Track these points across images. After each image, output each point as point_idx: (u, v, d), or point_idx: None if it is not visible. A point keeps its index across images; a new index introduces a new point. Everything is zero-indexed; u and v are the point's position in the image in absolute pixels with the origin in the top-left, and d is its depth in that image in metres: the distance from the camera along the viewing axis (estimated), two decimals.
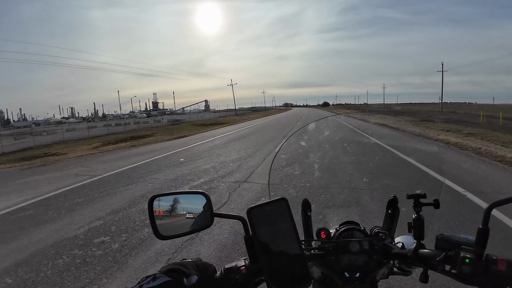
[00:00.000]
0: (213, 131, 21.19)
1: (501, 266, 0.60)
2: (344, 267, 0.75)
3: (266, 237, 0.64)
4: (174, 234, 0.71)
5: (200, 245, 3.37)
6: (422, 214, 0.75)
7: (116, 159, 10.39)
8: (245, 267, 0.69)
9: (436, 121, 23.21)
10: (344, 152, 1.20)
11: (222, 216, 0.72)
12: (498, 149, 8.71)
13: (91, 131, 24.92)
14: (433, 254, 0.68)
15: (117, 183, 6.58)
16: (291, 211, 0.66)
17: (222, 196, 5.22)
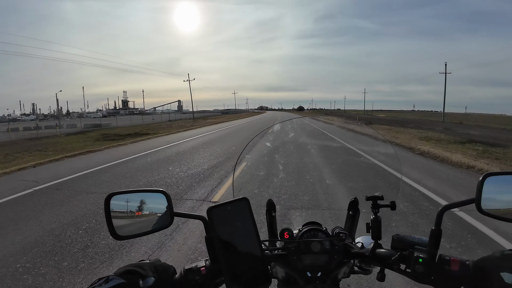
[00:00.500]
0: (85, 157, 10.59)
1: (454, 267, 0.64)
2: (306, 266, 0.77)
3: (226, 237, 0.64)
4: (131, 234, 0.69)
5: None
6: (379, 215, 0.79)
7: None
8: (205, 267, 0.69)
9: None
10: (308, 155, 1.24)
11: (183, 216, 0.71)
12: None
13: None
14: (389, 253, 0.72)
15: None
16: (252, 211, 0.67)
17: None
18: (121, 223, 0.69)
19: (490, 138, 16.65)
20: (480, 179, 0.66)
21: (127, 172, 7.55)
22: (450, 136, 17.49)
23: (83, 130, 27.37)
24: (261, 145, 1.16)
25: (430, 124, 36.53)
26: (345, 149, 1.42)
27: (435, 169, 7.57)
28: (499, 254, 0.61)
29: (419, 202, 4.20)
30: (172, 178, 6.61)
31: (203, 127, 27.17)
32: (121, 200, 0.70)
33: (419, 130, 22.64)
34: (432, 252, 0.66)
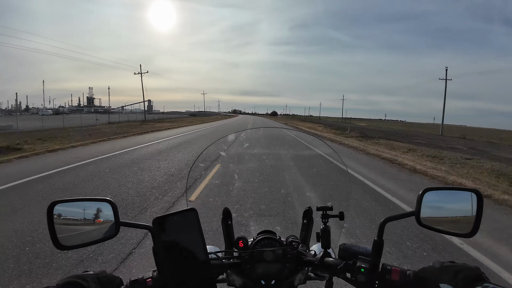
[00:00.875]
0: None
1: (394, 276, 0.68)
2: (259, 275, 0.78)
3: (173, 248, 0.64)
4: (75, 244, 0.67)
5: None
6: (329, 224, 0.83)
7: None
8: (151, 279, 0.68)
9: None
10: (265, 164, 1.26)
11: (129, 226, 0.70)
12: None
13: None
14: (336, 262, 0.75)
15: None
16: (200, 221, 0.67)
17: None
18: (65, 233, 0.67)
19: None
20: (420, 193, 0.70)
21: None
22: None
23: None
24: (216, 154, 1.14)
25: (433, 138, 27.78)
26: (303, 158, 1.46)
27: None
28: (439, 265, 0.64)
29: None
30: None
31: (145, 134, 19.01)
32: (65, 209, 0.68)
33: (439, 149, 15.47)
34: (374, 261, 0.70)
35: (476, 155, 13.63)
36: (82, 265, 2.85)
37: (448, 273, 0.61)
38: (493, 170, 9.30)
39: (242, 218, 1.12)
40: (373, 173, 7.89)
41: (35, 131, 19.31)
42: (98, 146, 12.21)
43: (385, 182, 6.81)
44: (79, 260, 2.92)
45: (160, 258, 0.65)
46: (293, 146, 1.31)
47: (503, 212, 5.16)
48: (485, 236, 3.86)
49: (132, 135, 17.95)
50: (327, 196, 1.06)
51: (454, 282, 0.59)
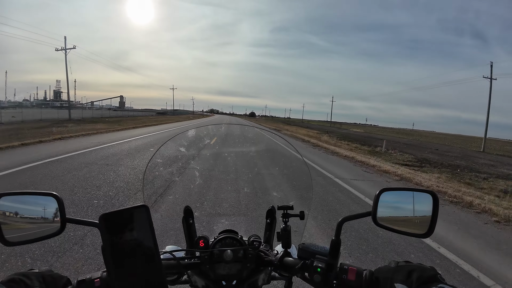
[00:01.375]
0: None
1: (351, 276, 0.69)
2: (219, 275, 0.77)
3: (121, 247, 0.61)
4: (22, 240, 0.64)
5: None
6: (289, 224, 0.83)
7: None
8: (99, 279, 0.65)
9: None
10: (227, 162, 1.24)
11: (76, 222, 0.66)
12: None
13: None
14: (294, 262, 0.76)
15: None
16: (152, 219, 0.64)
17: None
18: (12, 228, 0.63)
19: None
20: (377, 193, 0.72)
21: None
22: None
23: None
24: (174, 150, 1.11)
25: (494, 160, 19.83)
26: (266, 156, 1.45)
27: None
28: (394, 265, 0.66)
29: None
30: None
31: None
32: (11, 202, 0.64)
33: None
34: (330, 261, 0.71)
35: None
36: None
37: (403, 273, 0.62)
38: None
39: (204, 217, 1.10)
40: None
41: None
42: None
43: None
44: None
45: (108, 257, 0.62)
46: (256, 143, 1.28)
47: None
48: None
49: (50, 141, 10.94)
50: (290, 196, 1.06)
51: (409, 282, 0.60)
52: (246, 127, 1.26)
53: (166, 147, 1.06)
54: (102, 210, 4.69)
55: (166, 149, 1.07)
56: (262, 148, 1.33)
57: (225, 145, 1.26)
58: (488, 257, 3.55)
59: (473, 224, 4.95)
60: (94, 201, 4.46)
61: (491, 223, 5.07)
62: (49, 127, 18.21)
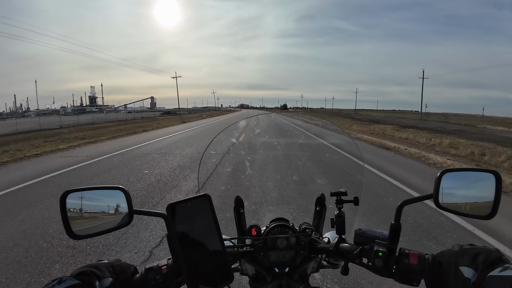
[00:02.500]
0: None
1: (413, 260, 0.68)
2: (272, 263, 0.79)
3: (187, 235, 0.64)
4: (89, 233, 0.68)
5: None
6: (343, 210, 0.83)
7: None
8: (166, 266, 0.69)
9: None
10: (275, 151, 1.27)
11: (142, 213, 0.70)
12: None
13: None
14: (351, 248, 0.76)
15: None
16: (214, 207, 0.67)
17: None
18: (79, 222, 0.68)
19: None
20: (438, 175, 0.70)
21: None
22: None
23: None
24: (228, 141, 1.16)
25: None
26: (312, 145, 1.47)
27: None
28: (458, 248, 0.65)
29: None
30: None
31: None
32: (78, 198, 0.69)
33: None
34: (391, 246, 0.70)
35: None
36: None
37: (468, 256, 0.62)
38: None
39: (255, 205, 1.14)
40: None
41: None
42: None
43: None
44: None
45: (174, 245, 0.65)
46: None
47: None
48: None
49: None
50: (340, 183, 1.06)
51: (474, 265, 0.60)
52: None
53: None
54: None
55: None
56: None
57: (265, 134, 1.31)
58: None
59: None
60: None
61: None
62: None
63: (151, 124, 24.11)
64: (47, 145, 12.16)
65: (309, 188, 1.16)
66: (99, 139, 14.70)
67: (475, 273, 0.59)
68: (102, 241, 3.43)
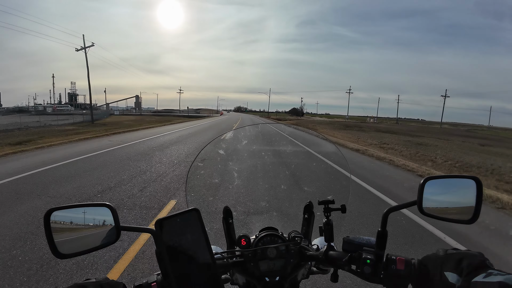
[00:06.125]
0: None
1: (400, 266, 0.73)
2: (263, 272, 0.83)
3: (177, 250, 0.67)
4: (75, 251, 0.69)
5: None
6: (331, 218, 0.88)
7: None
8: (156, 283, 0.72)
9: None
10: (262, 160, 1.32)
11: (130, 230, 0.72)
12: None
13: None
14: (340, 255, 0.81)
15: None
16: (203, 221, 0.71)
17: None
18: (64, 240, 0.69)
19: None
20: (421, 182, 0.75)
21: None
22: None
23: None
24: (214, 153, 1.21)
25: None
26: (299, 153, 1.53)
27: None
28: (443, 253, 0.69)
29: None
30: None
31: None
32: (62, 216, 0.70)
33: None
34: (379, 252, 0.75)
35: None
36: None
37: (452, 261, 0.65)
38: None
39: (243, 215, 1.19)
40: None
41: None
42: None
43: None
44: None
45: (164, 261, 0.67)
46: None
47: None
48: None
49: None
50: (327, 191, 1.12)
51: (458, 270, 0.63)
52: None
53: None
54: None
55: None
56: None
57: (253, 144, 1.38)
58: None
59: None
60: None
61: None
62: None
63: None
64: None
65: (297, 196, 1.22)
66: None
67: (460, 278, 0.62)
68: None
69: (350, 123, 50.17)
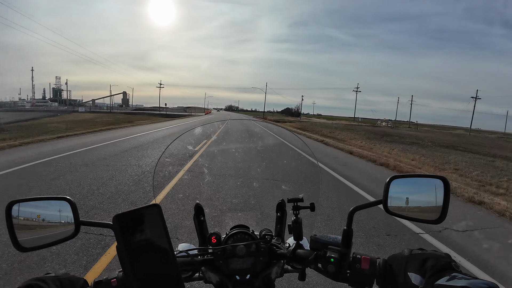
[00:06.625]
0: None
1: (364, 265, 0.73)
2: (232, 270, 0.83)
3: (136, 246, 0.66)
4: (36, 245, 0.69)
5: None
6: (300, 216, 0.89)
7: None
8: (116, 279, 0.71)
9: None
10: (234, 157, 1.31)
11: (90, 224, 0.72)
12: None
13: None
14: (307, 254, 0.81)
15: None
16: (164, 217, 0.69)
17: None
18: (25, 233, 0.69)
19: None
20: (387, 181, 0.76)
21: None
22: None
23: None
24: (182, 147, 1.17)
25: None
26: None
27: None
28: (408, 253, 0.69)
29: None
30: None
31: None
32: (24, 208, 0.70)
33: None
34: (344, 251, 0.76)
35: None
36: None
37: (416, 261, 0.65)
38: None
39: (216, 212, 1.18)
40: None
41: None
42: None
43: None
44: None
45: (123, 257, 0.66)
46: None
47: None
48: None
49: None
50: (299, 188, 1.12)
51: (422, 271, 0.63)
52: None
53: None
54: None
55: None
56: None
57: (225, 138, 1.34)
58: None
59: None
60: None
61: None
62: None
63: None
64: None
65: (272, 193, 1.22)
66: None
67: (423, 280, 0.62)
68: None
69: (379, 130, 40.30)
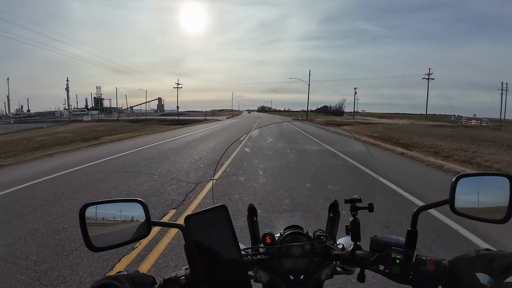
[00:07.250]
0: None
1: (430, 266, 0.72)
2: (287, 270, 0.84)
3: (205, 245, 0.70)
4: (108, 245, 0.74)
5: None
6: (358, 217, 0.88)
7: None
8: (184, 277, 0.75)
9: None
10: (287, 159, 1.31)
11: (161, 225, 0.77)
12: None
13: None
14: (367, 255, 0.80)
15: None
16: (231, 217, 0.72)
17: None
18: (98, 234, 0.74)
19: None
20: (453, 180, 0.74)
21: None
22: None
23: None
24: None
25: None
26: (323, 151, 1.54)
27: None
28: (474, 253, 0.67)
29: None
30: None
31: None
32: (96, 210, 0.76)
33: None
34: (408, 252, 0.74)
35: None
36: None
37: (484, 262, 0.64)
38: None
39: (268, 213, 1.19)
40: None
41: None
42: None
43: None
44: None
45: (192, 256, 0.71)
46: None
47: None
48: None
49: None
50: (353, 189, 1.11)
51: (490, 271, 0.62)
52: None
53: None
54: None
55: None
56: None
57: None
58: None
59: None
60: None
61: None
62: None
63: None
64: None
65: (322, 194, 1.22)
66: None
67: (491, 279, 0.61)
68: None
69: (487, 135, 24.77)
